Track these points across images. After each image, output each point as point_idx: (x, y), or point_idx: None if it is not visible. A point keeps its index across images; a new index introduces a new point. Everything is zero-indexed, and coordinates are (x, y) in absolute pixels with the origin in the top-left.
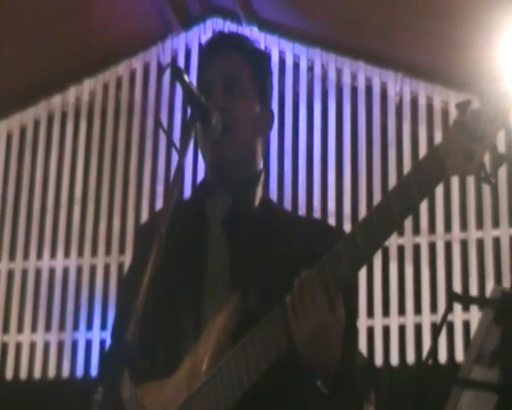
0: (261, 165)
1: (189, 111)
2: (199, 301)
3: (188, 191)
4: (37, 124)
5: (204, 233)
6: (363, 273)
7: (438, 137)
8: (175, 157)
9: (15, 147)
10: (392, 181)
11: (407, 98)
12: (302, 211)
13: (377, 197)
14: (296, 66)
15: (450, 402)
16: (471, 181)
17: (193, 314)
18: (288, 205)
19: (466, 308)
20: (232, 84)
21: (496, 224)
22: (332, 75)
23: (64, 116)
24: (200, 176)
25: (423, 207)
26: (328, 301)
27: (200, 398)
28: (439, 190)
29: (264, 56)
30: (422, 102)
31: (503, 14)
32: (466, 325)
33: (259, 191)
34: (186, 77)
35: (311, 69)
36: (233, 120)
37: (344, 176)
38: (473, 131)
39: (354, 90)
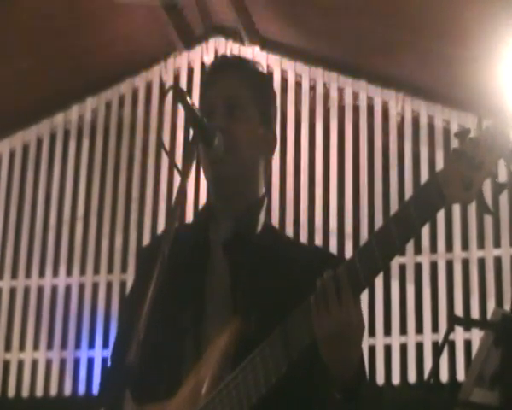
0: (263, 189)
1: (191, 132)
2: (200, 325)
3: (190, 212)
4: (39, 142)
5: (206, 257)
6: (364, 292)
7: (439, 157)
8: (177, 176)
9: (18, 165)
10: (394, 200)
11: (408, 117)
12: (304, 230)
13: (378, 216)
14: (298, 85)
15: None
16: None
17: (194, 337)
18: (289, 223)
19: (467, 329)
20: (233, 106)
21: (497, 243)
22: (334, 94)
23: (67, 134)
24: (202, 198)
25: (425, 226)
26: (355, 298)
27: None
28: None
29: (266, 79)
30: (424, 121)
31: (503, 35)
32: (467, 344)
33: (262, 217)
34: (188, 99)
35: (313, 88)
36: (234, 140)
37: (346, 195)
38: (471, 159)
39: (356, 109)
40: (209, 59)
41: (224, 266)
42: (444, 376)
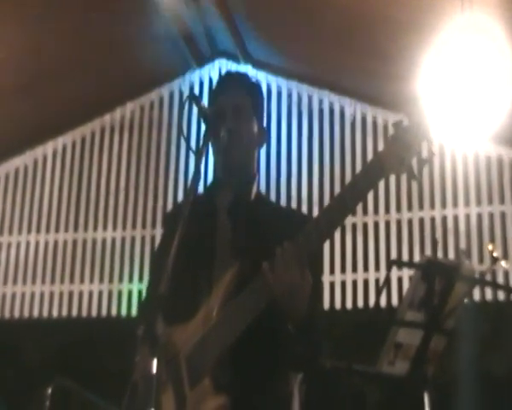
0: (255, 169)
1: (203, 127)
2: (211, 267)
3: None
4: (93, 135)
5: (214, 218)
6: (326, 243)
7: (380, 146)
8: (192, 160)
9: (78, 152)
10: (348, 175)
11: (358, 118)
12: (284, 195)
13: (337, 187)
14: (279, 94)
15: (389, 337)
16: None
17: (207, 277)
18: (274, 191)
19: (400, 269)
20: (238, 111)
21: (421, 206)
22: (305, 100)
23: (112, 130)
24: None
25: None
26: (300, 266)
27: (211, 334)
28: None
29: (260, 89)
30: (369, 120)
31: (417, 57)
32: (400, 280)
33: (254, 188)
34: (201, 102)
35: (289, 96)
36: (240, 137)
37: (313, 171)
38: (404, 142)
39: (321, 112)
40: (215, 75)
41: (228, 224)
42: (383, 302)
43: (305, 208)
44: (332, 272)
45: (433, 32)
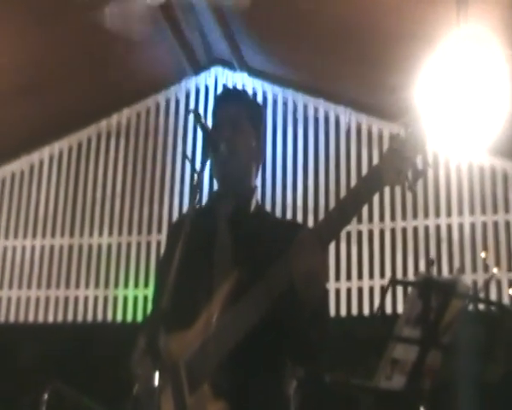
0: (255, 183)
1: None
2: (211, 276)
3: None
4: (89, 140)
5: (215, 229)
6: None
7: (375, 155)
8: (188, 166)
9: (74, 157)
10: (343, 183)
11: (354, 127)
12: (279, 204)
13: (332, 195)
14: (275, 102)
15: (387, 352)
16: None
17: (206, 285)
18: (269, 199)
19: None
20: (235, 124)
21: (415, 216)
22: (300, 109)
23: (109, 135)
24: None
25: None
26: (319, 251)
27: (211, 341)
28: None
29: (258, 105)
30: (365, 129)
31: (415, 68)
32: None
33: (254, 201)
34: (203, 119)
35: (285, 104)
36: (236, 149)
37: (308, 179)
38: (401, 154)
39: (316, 120)
40: (211, 82)
41: (228, 235)
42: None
43: (300, 217)
44: (338, 278)
45: (430, 42)
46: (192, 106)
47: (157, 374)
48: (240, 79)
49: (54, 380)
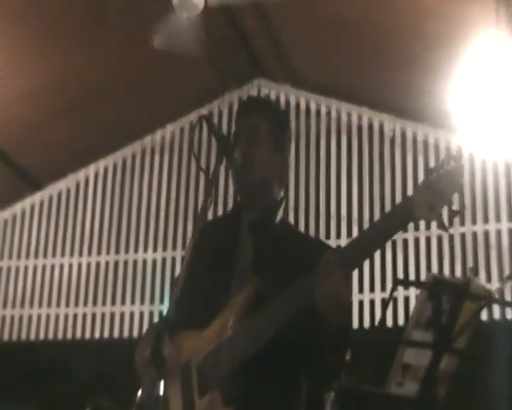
0: (280, 196)
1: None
2: (230, 281)
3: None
4: (134, 157)
5: (237, 236)
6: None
7: (420, 162)
8: (230, 181)
9: (119, 174)
10: (388, 193)
11: (398, 134)
12: (323, 214)
13: (377, 204)
14: (318, 112)
15: (397, 358)
16: None
17: (226, 289)
18: (313, 209)
19: (406, 288)
20: (253, 135)
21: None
22: (344, 117)
23: (153, 151)
24: None
25: None
26: (344, 273)
27: (226, 346)
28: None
29: (282, 115)
30: (409, 136)
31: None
32: (406, 299)
33: (280, 213)
34: (214, 124)
35: (328, 114)
36: (251, 160)
37: (353, 188)
38: (436, 190)
39: (360, 128)
40: (254, 94)
41: (249, 243)
42: (389, 322)
43: (344, 227)
44: None
45: (469, 43)
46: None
47: (162, 383)
48: (283, 90)
49: (98, 396)
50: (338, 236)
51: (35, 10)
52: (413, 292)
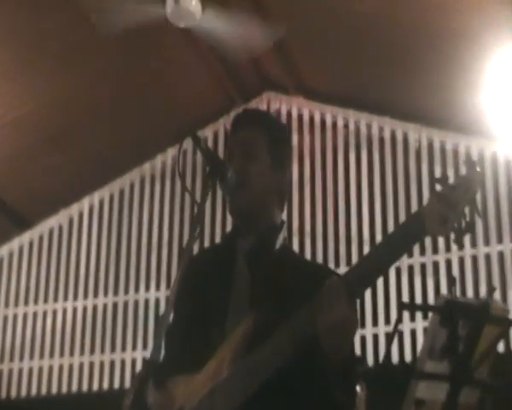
0: (280, 219)
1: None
2: (224, 317)
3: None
4: (132, 186)
5: (233, 264)
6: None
7: (450, 174)
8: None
9: (116, 205)
10: (414, 208)
11: (424, 144)
12: (342, 233)
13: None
14: (334, 124)
15: (409, 393)
16: None
17: (219, 326)
18: (332, 229)
19: (413, 319)
20: (248, 151)
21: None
22: (363, 129)
23: (153, 178)
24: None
25: None
26: (348, 301)
27: (222, 388)
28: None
29: (281, 129)
30: (437, 146)
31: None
32: (413, 332)
33: (281, 238)
34: (202, 143)
35: (346, 126)
36: (246, 178)
37: (375, 206)
38: (449, 201)
39: (381, 141)
40: (263, 108)
41: (246, 272)
42: (394, 359)
43: (366, 249)
44: None
45: (495, 41)
46: None
47: None
48: (295, 103)
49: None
50: None
51: (19, 36)
52: (420, 324)
